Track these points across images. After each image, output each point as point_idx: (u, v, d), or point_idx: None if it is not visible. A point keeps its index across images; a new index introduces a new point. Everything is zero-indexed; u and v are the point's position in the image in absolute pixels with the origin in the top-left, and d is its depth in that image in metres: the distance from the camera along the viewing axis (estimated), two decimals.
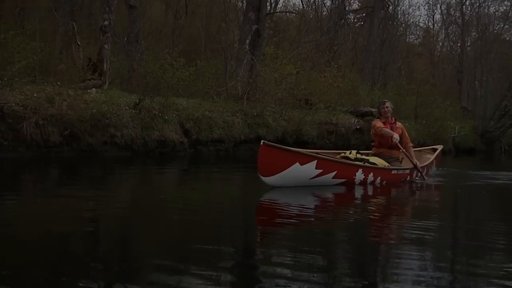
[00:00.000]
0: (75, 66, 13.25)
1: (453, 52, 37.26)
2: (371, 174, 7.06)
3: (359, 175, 6.91)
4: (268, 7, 24.27)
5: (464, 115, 29.89)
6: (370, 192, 6.75)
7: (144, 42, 18.02)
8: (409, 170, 7.97)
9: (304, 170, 6.21)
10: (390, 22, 31.63)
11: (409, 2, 67.02)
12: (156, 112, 12.37)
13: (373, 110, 18.15)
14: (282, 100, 16.17)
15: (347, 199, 6.39)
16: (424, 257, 3.38)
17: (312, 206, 5.67)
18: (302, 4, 30.24)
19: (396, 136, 7.55)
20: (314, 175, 6.33)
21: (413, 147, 9.16)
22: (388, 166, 7.54)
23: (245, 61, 16.89)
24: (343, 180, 6.72)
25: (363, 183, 7.02)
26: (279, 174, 6.03)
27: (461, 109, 29.55)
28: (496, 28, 34.52)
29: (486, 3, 34.24)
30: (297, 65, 18.77)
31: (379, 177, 7.22)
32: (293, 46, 24.54)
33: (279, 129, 15.28)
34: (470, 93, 34.28)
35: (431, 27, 43.20)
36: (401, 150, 7.80)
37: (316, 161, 6.28)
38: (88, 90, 12.10)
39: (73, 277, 2.69)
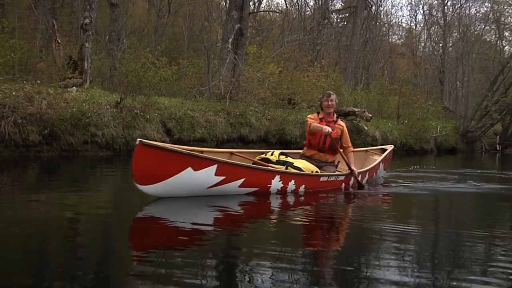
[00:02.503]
0: (55, 65, 13.10)
1: (435, 53, 37.59)
2: (292, 181, 6.00)
3: (276, 183, 5.82)
4: (252, 6, 24.23)
5: (445, 115, 30.19)
6: (289, 203, 5.67)
7: (126, 41, 17.88)
8: (344, 177, 6.85)
9: (199, 177, 5.08)
10: (373, 22, 31.76)
11: (391, 3, 67.43)
12: (138, 111, 12.27)
13: (356, 109, 18.23)
14: (265, 100, 16.16)
15: (253, 211, 5.21)
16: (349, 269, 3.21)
17: (216, 221, 4.51)
18: (286, 4, 30.30)
19: (327, 128, 6.45)
20: (213, 183, 5.22)
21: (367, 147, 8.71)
22: (316, 171, 6.48)
23: (227, 61, 16.83)
24: (253, 189, 5.63)
25: (282, 192, 5.93)
26: (163, 182, 4.89)
27: (442, 109, 29.83)
28: (477, 29, 34.89)
29: (468, 4, 34.62)
30: (280, 64, 18.81)
31: (303, 185, 6.18)
32: (276, 46, 24.60)
33: (261, 129, 15.26)
34: (452, 93, 34.56)
35: (414, 27, 43.66)
36: (338, 152, 6.82)
37: (216, 165, 5.16)
38: (69, 89, 11.96)
39: (48, 279, 2.63)
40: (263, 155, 6.54)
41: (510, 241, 4.06)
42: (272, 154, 6.46)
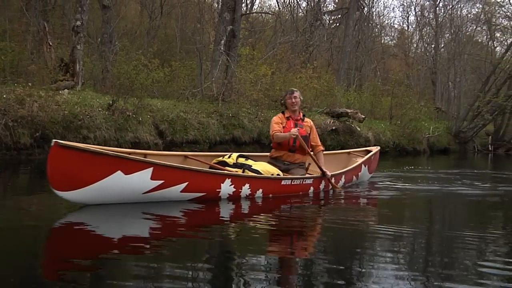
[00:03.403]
0: (47, 67, 13.02)
1: (427, 53, 37.71)
2: (247, 185, 5.51)
3: (226, 188, 5.34)
4: (244, 8, 24.23)
5: (438, 115, 30.30)
6: (242, 209, 5.21)
7: (118, 43, 17.81)
8: (312, 180, 6.33)
9: (132, 182, 4.64)
10: (365, 24, 31.83)
11: (384, 4, 67.73)
12: (130, 114, 12.22)
13: (349, 111, 18.24)
14: (258, 101, 16.13)
15: (197, 219, 4.75)
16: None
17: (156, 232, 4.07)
18: (278, 5, 30.31)
19: (292, 132, 6.13)
20: (150, 188, 4.78)
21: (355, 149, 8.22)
22: (278, 174, 5.99)
23: (220, 62, 16.80)
24: (199, 194, 5.16)
25: (234, 197, 5.45)
26: (88, 187, 4.45)
27: (435, 109, 29.95)
28: (469, 30, 35.04)
29: (459, 5, 34.78)
30: (272, 66, 18.78)
31: (261, 190, 5.67)
32: (269, 47, 24.57)
33: (254, 130, 15.24)
34: (444, 94, 34.72)
35: (406, 28, 43.75)
36: (307, 153, 6.39)
37: (151, 168, 4.71)
38: (60, 91, 11.89)
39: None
40: (220, 158, 6.09)
41: (502, 242, 4.06)
42: (229, 157, 6.01)
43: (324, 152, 6.89)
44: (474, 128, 26.47)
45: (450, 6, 34.50)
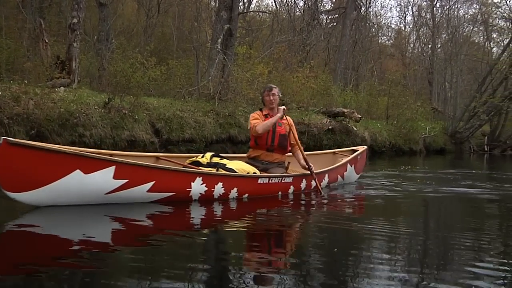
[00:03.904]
0: (43, 64, 12.97)
1: (424, 54, 37.77)
2: (220, 184, 5.14)
3: (197, 187, 4.97)
4: (241, 7, 24.20)
5: (434, 116, 30.34)
6: (215, 210, 4.89)
7: (114, 41, 17.76)
8: (292, 179, 5.99)
9: (93, 181, 4.32)
10: (363, 23, 31.86)
11: (381, 4, 67.78)
12: (126, 112, 12.18)
13: (345, 110, 18.23)
14: (254, 100, 16.09)
15: (164, 221, 4.39)
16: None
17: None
18: (275, 4, 30.28)
19: (274, 117, 5.95)
20: (113, 188, 4.45)
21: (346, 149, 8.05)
22: (254, 173, 5.66)
23: (217, 61, 16.77)
24: (167, 194, 4.80)
25: (207, 197, 5.07)
26: (44, 188, 4.15)
27: (431, 110, 29.97)
28: (466, 30, 35.13)
29: (456, 6, 34.88)
30: (269, 65, 18.75)
31: (236, 189, 5.30)
32: (266, 46, 24.54)
33: None
34: (441, 94, 34.78)
35: (403, 28, 43.82)
36: (293, 149, 6.22)
37: (113, 167, 4.39)
38: (56, 89, 11.84)
39: None
40: (193, 159, 5.73)
41: (498, 243, 4.05)
42: (203, 157, 5.67)
43: (309, 152, 6.72)
44: (470, 129, 26.53)
45: (447, 7, 34.63)
